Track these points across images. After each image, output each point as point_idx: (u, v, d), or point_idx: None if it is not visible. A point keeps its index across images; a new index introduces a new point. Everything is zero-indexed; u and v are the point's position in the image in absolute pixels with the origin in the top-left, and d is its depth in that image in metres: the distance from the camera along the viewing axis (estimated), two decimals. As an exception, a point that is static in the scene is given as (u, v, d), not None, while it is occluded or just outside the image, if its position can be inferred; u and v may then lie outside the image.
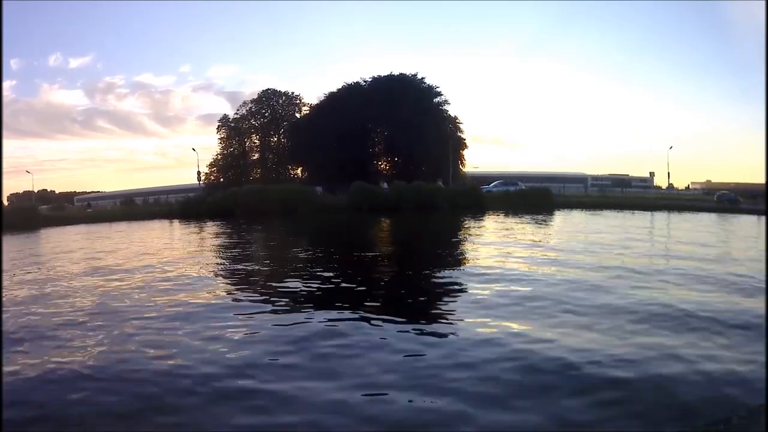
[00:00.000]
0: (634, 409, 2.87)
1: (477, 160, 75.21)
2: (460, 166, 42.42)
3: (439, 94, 40.85)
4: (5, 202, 46.39)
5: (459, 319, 4.79)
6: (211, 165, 47.66)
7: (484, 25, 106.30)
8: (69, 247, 14.34)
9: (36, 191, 58.76)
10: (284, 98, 48.13)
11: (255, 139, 48.78)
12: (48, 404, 3.12)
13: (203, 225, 21.53)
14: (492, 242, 11.72)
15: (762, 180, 28.85)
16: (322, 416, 2.87)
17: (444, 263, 8.81)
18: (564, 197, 33.61)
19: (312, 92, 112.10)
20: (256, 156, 48.67)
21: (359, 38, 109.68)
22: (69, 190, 76.96)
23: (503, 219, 19.76)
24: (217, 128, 48.63)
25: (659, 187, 48.47)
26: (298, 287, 6.62)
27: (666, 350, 3.74)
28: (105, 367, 3.67)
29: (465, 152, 43.26)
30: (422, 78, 40.77)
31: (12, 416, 2.94)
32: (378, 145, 42.19)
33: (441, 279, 7.07)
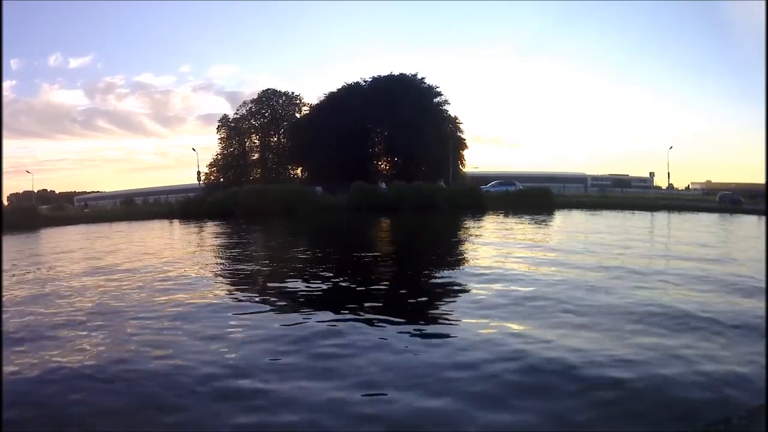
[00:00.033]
0: (634, 409, 2.87)
1: (477, 160, 75.42)
2: (460, 166, 42.50)
3: (439, 94, 41.00)
4: (5, 202, 46.48)
5: (459, 319, 4.79)
6: (211, 165, 47.77)
7: (484, 25, 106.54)
8: (69, 247, 14.35)
9: (36, 191, 58.84)
10: (284, 98, 48.21)
11: (255, 139, 48.84)
12: (48, 404, 3.12)
13: (203, 225, 21.54)
14: (492, 242, 11.73)
15: (762, 180, 28.87)
16: (322, 416, 2.87)
17: (444, 263, 8.82)
18: (564, 197, 33.64)
19: (312, 92, 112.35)
20: (256, 156, 48.72)
21: (359, 38, 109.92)
22: (69, 190, 77.13)
23: (503, 219, 19.77)
24: (217, 128, 48.79)
25: (659, 187, 48.53)
26: (298, 287, 6.62)
27: (666, 350, 3.74)
28: (105, 367, 3.67)
29: (465, 152, 43.46)
30: (422, 78, 40.94)
31: (12, 416, 2.94)
32: (378, 145, 42.26)
33: (441, 279, 7.07)
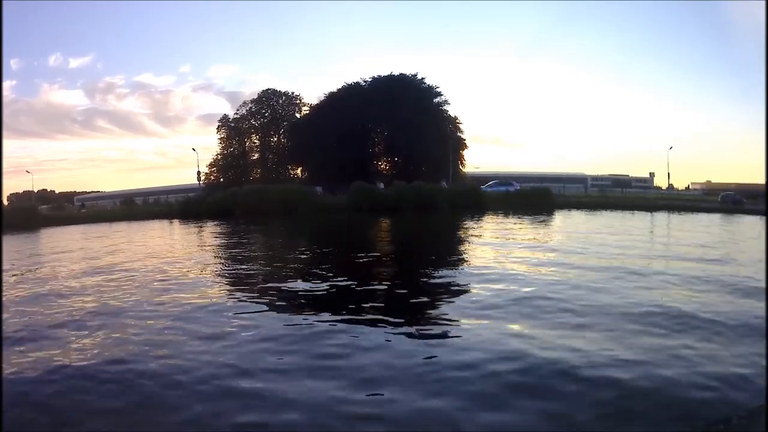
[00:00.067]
0: (634, 409, 2.87)
1: (477, 160, 75.46)
2: (460, 166, 42.53)
3: (439, 94, 41.06)
4: (5, 202, 46.48)
5: (459, 319, 4.79)
6: (211, 165, 47.81)
7: (484, 25, 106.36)
8: (69, 247, 14.35)
9: (36, 191, 58.80)
10: (284, 98, 48.25)
11: (255, 139, 48.88)
12: (48, 404, 3.12)
13: (203, 225, 21.54)
14: (492, 242, 11.73)
15: (762, 180, 28.88)
16: (322, 416, 2.87)
17: (444, 263, 8.81)
18: (564, 197, 33.64)
19: (312, 92, 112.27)
20: (256, 156, 48.76)
21: (359, 38, 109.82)
22: (69, 190, 77.03)
23: (503, 219, 19.77)
24: (217, 128, 48.83)
25: (659, 188, 48.55)
26: (298, 287, 6.62)
27: (666, 350, 3.74)
28: (105, 367, 3.67)
29: (465, 152, 43.51)
30: (422, 78, 40.99)
31: (12, 416, 2.94)
32: (378, 145, 42.29)
33: (441, 279, 7.07)
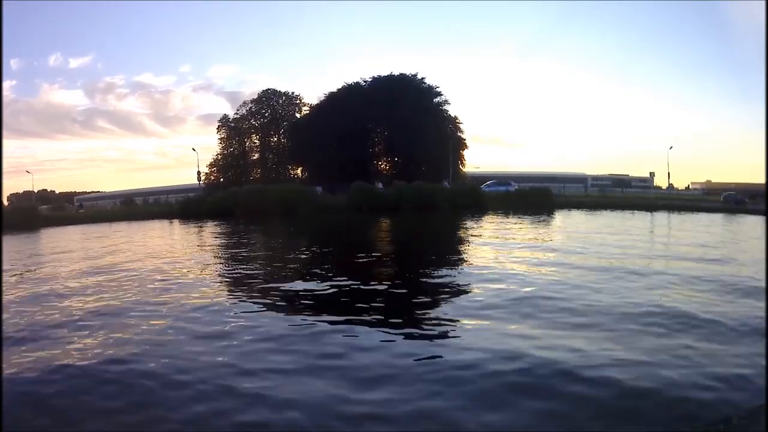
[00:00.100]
0: (635, 410, 2.87)
1: (477, 160, 75.33)
2: (460, 166, 42.53)
3: (439, 94, 41.09)
4: (5, 202, 46.51)
5: (458, 319, 4.79)
6: (211, 165, 47.84)
7: (484, 25, 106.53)
8: (69, 247, 14.36)
9: (36, 191, 58.86)
10: (284, 98, 48.27)
11: (255, 139, 48.91)
12: (48, 404, 3.12)
13: (203, 225, 21.55)
14: (492, 243, 11.73)
15: (762, 180, 28.89)
16: (322, 415, 2.87)
17: (444, 263, 8.81)
18: (564, 197, 33.65)
19: (312, 92, 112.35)
20: (256, 156, 48.78)
21: (359, 38, 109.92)
22: (69, 190, 77.09)
23: (503, 219, 19.77)
24: (217, 128, 48.88)
25: (659, 187, 48.54)
26: (298, 287, 6.62)
27: (666, 351, 3.74)
28: (105, 367, 3.67)
29: (465, 152, 43.52)
30: (422, 78, 41.03)
31: (12, 415, 2.94)
32: (378, 145, 42.31)
33: (441, 279, 7.07)
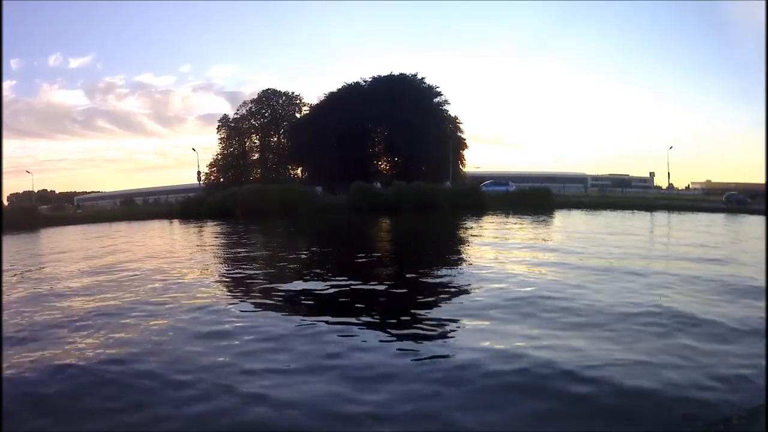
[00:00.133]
0: (635, 410, 2.87)
1: (477, 160, 75.32)
2: (460, 166, 42.52)
3: (439, 94, 41.04)
4: (5, 202, 46.51)
5: (458, 319, 4.79)
6: (211, 165, 47.82)
7: (484, 25, 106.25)
8: (69, 247, 14.36)
9: (36, 191, 58.83)
10: (284, 98, 48.24)
11: (255, 139, 48.88)
12: (48, 404, 3.12)
13: (203, 225, 21.55)
14: (492, 243, 11.73)
15: (762, 180, 28.89)
16: (322, 415, 2.87)
17: (444, 263, 8.81)
18: (564, 197, 33.66)
19: (312, 92, 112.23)
20: (256, 156, 48.76)
21: (359, 38, 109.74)
22: (69, 190, 77.05)
23: (503, 219, 19.77)
24: (217, 128, 48.84)
25: (659, 187, 48.52)
26: (298, 287, 6.61)
27: (666, 351, 3.74)
28: (105, 367, 3.67)
29: (465, 152, 43.48)
30: (422, 78, 40.97)
31: (13, 415, 2.94)
32: (378, 145, 42.28)
33: (441, 279, 7.07)
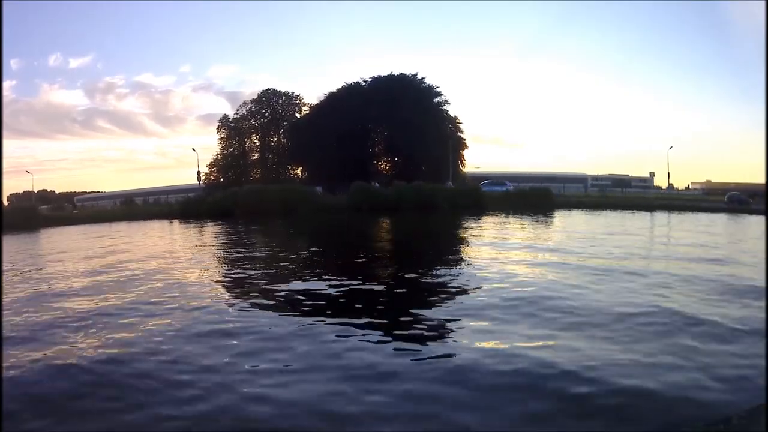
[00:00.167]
0: (635, 410, 2.87)
1: (477, 160, 75.28)
2: (460, 166, 42.53)
3: (439, 94, 41.07)
4: (5, 202, 46.52)
5: (458, 320, 4.78)
6: (211, 165, 47.85)
7: (484, 25, 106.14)
8: (69, 247, 14.36)
9: (36, 191, 58.84)
10: (284, 98, 48.27)
11: (255, 139, 48.90)
12: (48, 404, 3.12)
13: (203, 225, 21.55)
14: (491, 243, 11.72)
15: (762, 180, 28.89)
16: (322, 415, 2.88)
17: (444, 264, 8.81)
18: (564, 197, 33.66)
19: (312, 92, 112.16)
20: (256, 156, 48.78)
21: (359, 38, 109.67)
22: (69, 190, 76.99)
23: (503, 219, 19.77)
24: (217, 128, 48.87)
25: (659, 187, 48.54)
26: (298, 288, 6.61)
27: (666, 351, 3.74)
28: (105, 367, 3.68)
29: (465, 152, 43.51)
30: (422, 78, 41.01)
31: (13, 415, 2.94)
32: (378, 145, 42.29)
33: (441, 279, 7.07)
